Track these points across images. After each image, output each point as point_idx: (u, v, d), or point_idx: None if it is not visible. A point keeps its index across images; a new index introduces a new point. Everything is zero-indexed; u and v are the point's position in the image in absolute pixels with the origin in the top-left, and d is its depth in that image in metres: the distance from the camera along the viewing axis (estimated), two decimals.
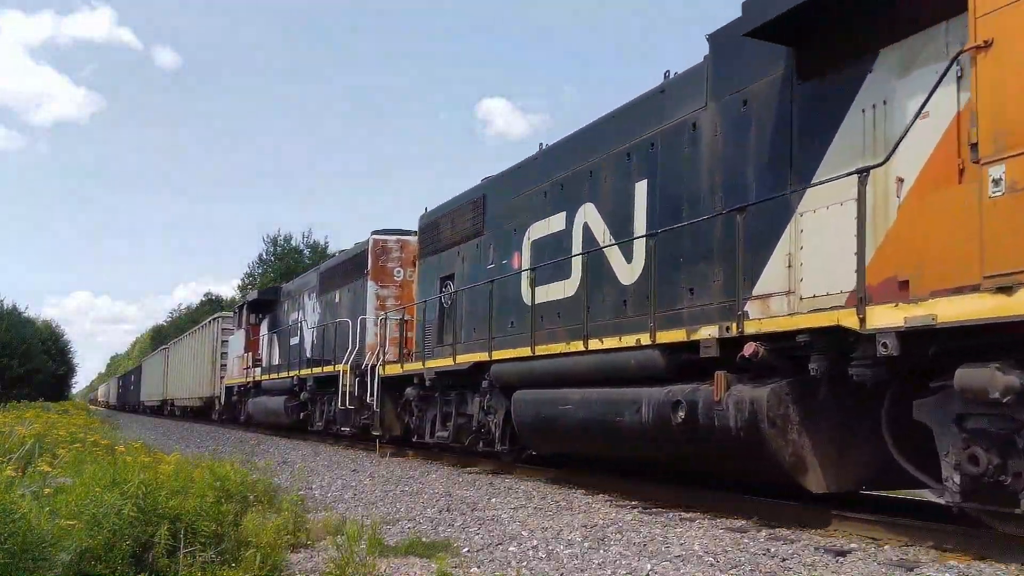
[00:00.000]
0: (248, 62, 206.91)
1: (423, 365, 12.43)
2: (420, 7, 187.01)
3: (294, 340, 20.95)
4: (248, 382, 24.10)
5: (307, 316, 20.49)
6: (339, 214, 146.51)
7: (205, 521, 4.55)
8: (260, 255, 56.86)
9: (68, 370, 57.35)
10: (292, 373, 19.66)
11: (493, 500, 8.10)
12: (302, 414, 18.93)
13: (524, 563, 5.16)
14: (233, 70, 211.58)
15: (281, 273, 45.99)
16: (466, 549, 5.63)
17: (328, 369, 16.80)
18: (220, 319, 31.72)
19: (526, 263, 10.57)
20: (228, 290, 68.31)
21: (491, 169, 16.58)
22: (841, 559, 5.18)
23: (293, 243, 56.38)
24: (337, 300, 18.38)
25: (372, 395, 14.52)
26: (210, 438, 20.21)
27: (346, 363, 15.64)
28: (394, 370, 13.84)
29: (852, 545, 5.61)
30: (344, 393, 15.53)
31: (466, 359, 11.16)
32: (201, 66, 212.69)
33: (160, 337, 77.41)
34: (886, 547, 5.54)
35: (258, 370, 23.56)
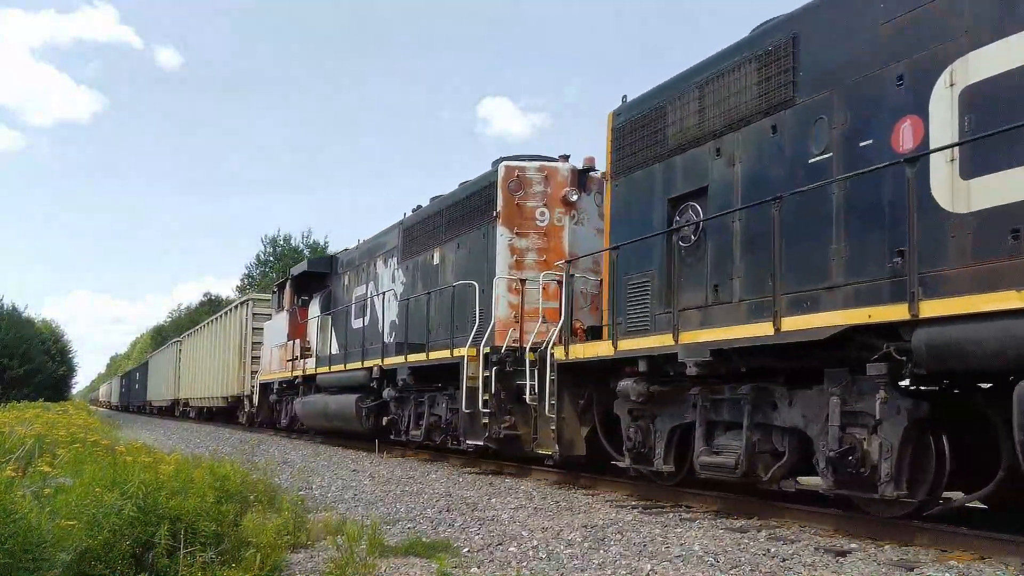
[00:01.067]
0: (249, 62, 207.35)
1: (675, 341, 7.48)
2: (424, 6, 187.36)
3: (359, 322, 16.27)
4: (294, 377, 19.47)
5: (383, 288, 15.56)
6: (340, 214, 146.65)
7: (205, 521, 4.61)
8: (258, 255, 56.97)
9: (68, 370, 57.49)
10: (370, 363, 14.82)
11: (493, 500, 8.14)
12: (385, 419, 14.42)
13: (524, 563, 5.20)
14: (235, 70, 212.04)
15: (280, 273, 45.47)
16: (466, 549, 5.67)
17: (438, 355, 12.18)
18: (251, 302, 27.04)
19: (950, 131, 5.62)
20: (228, 290, 68.38)
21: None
22: (841, 559, 5.24)
23: (292, 243, 56.47)
24: (438, 261, 13.44)
25: (533, 393, 10.02)
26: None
27: (471, 345, 11.17)
28: (592, 351, 8.89)
29: (852, 545, 5.66)
30: (472, 389, 10.94)
31: (817, 322, 6.19)
32: (203, 66, 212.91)
33: (160, 337, 77.33)
34: (886, 547, 5.58)
35: (309, 361, 18.76)
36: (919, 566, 5.02)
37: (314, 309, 19.48)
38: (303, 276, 20.36)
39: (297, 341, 19.69)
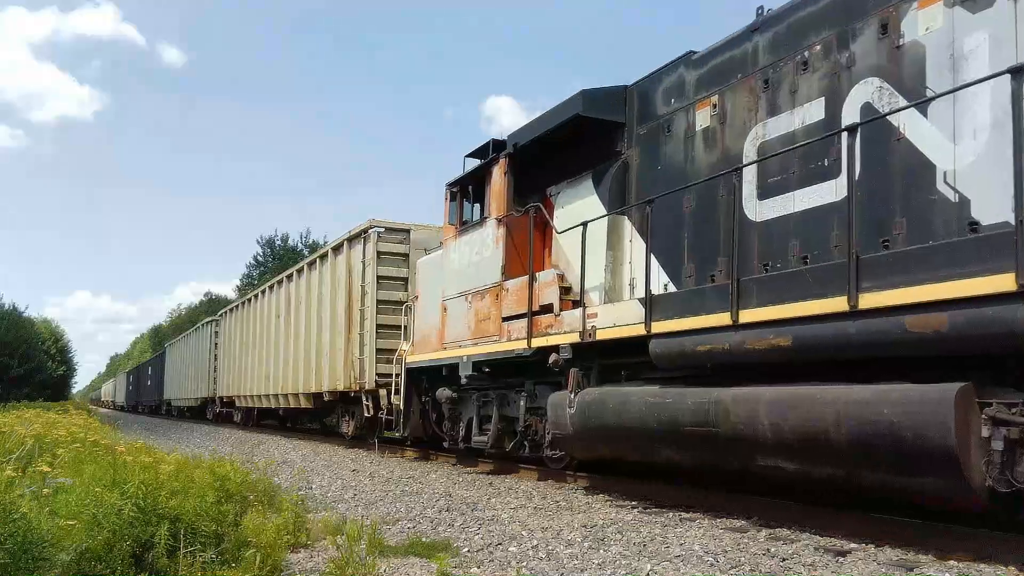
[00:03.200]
0: (253, 60, 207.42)
1: None
2: (427, 6, 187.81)
3: (796, 200, 6.72)
4: (534, 350, 9.45)
5: (968, 71, 5.40)
6: (341, 214, 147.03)
7: (205, 521, 4.61)
8: (255, 257, 57.02)
9: (68, 370, 57.53)
10: None
11: (493, 500, 8.14)
12: None
13: (524, 563, 5.20)
14: (238, 68, 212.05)
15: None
16: (466, 549, 5.67)
17: None
18: (374, 233, 15.95)
19: None
20: (228, 290, 68.35)
21: None
22: (841, 559, 5.24)
23: (290, 243, 56.57)
24: None
25: None
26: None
27: None
28: None
29: (852, 545, 5.67)
30: None
31: None
32: (206, 64, 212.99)
33: (159, 337, 76.97)
34: (886, 547, 5.57)
35: (603, 313, 8.36)
36: (919, 566, 5.02)
37: (577, 209, 9.47)
38: (552, 137, 9.94)
39: (552, 276, 9.53)
